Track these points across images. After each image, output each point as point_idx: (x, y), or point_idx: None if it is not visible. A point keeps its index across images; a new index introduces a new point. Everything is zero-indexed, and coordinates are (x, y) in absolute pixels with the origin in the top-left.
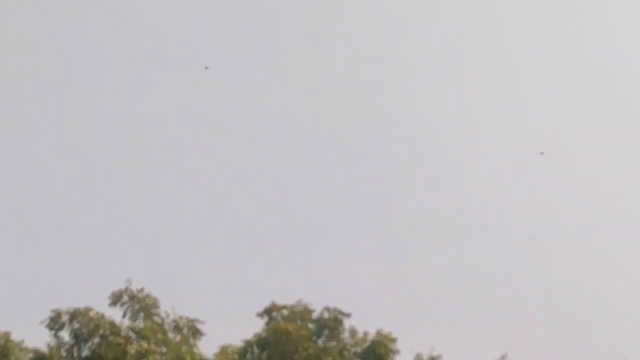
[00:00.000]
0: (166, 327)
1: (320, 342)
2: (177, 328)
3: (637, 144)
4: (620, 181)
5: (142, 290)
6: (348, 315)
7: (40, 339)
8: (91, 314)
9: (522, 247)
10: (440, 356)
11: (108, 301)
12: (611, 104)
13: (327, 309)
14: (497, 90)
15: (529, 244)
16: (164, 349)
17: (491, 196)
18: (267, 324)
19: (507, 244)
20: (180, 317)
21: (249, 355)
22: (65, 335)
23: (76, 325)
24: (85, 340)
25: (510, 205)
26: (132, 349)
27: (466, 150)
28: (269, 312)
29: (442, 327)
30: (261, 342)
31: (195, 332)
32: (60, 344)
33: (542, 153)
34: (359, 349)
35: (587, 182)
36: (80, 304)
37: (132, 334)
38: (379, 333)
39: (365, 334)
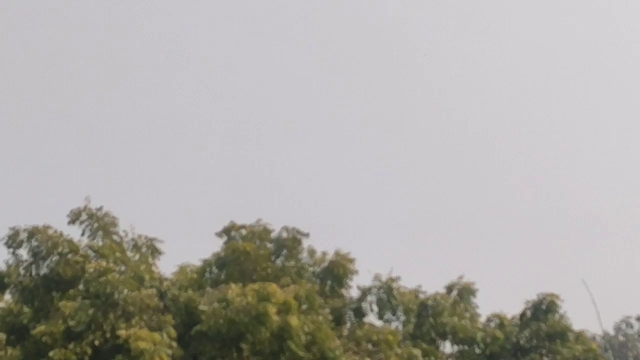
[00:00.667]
0: (125, 245)
1: (278, 261)
2: (136, 247)
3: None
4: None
5: (100, 208)
6: (306, 235)
7: None
8: (50, 232)
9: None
10: (398, 277)
11: (67, 219)
12: (612, 102)
13: (285, 228)
14: (498, 90)
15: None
16: (122, 268)
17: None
18: (226, 243)
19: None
20: (139, 236)
21: (207, 275)
22: (23, 253)
23: (34, 243)
24: (44, 259)
25: None
26: (90, 268)
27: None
28: (227, 231)
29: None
30: (220, 262)
31: (154, 251)
32: (18, 262)
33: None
34: (317, 269)
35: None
36: (38, 221)
37: (90, 253)
38: (337, 253)
39: (324, 254)
